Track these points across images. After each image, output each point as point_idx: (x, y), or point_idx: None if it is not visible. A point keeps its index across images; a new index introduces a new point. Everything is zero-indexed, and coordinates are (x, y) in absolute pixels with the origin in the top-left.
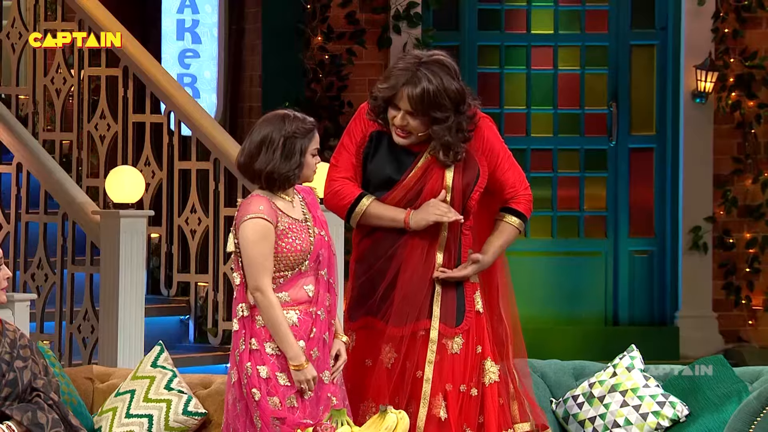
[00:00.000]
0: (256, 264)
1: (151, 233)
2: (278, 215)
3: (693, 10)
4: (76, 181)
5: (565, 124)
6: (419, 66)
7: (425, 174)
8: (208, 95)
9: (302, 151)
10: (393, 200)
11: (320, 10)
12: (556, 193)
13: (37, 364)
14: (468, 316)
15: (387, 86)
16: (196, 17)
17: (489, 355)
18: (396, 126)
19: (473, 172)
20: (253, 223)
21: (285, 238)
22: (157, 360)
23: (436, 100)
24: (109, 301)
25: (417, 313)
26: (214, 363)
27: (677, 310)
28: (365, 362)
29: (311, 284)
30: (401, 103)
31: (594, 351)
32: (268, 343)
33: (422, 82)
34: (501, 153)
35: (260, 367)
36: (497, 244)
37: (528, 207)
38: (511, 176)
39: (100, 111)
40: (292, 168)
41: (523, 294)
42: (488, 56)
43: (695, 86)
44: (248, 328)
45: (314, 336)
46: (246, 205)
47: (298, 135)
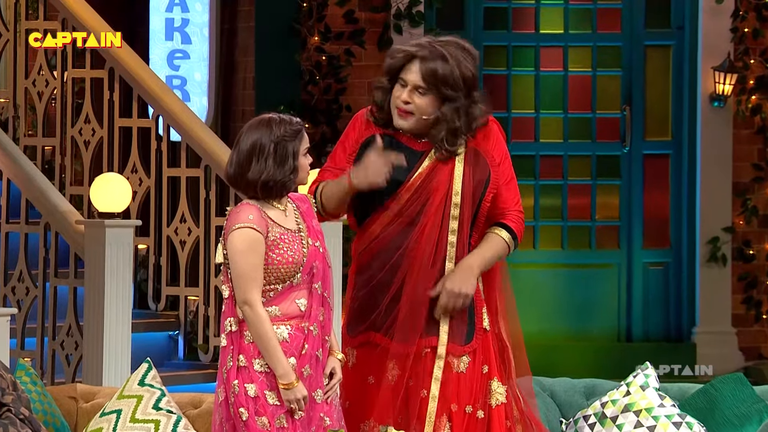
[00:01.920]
0: (245, 276)
1: (139, 244)
2: (269, 225)
3: (711, 8)
4: (59, 189)
5: (575, 128)
6: (436, 43)
7: (432, 173)
8: (198, 98)
9: (294, 154)
10: (398, 204)
11: (317, 9)
12: (567, 202)
13: (5, 379)
14: (477, 333)
15: (401, 55)
16: (185, 16)
17: (496, 375)
18: (400, 103)
19: (484, 170)
20: (241, 232)
21: (276, 249)
22: (144, 378)
23: (452, 78)
24: (94, 316)
25: (423, 329)
26: (204, 381)
27: (694, 325)
28: (368, 380)
29: (304, 298)
30: (411, 76)
31: (606, 368)
32: (256, 359)
33: (438, 56)
34: (504, 162)
35: (248, 385)
36: (484, 254)
37: (519, 226)
38: (507, 192)
39: (85, 115)
40: (287, 173)
41: (531, 308)
42: (495, 57)
43: (713, 89)
44: (236, 344)
45: (306, 353)
46: (235, 214)
47: (288, 138)
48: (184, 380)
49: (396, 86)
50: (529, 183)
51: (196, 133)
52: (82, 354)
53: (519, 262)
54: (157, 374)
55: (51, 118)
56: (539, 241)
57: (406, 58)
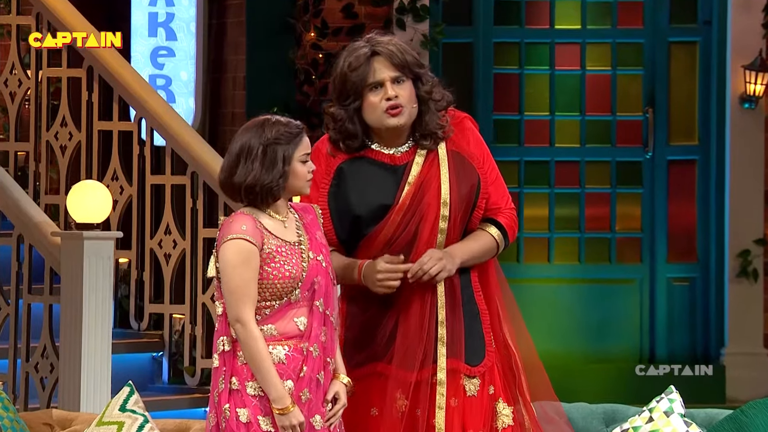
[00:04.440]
0: (237, 292)
1: (120, 258)
2: (264, 236)
3: (741, 1)
4: (33, 197)
5: (594, 132)
6: (366, 40)
7: (421, 189)
8: (184, 99)
9: (286, 159)
10: (390, 229)
11: (313, 3)
12: (584, 212)
13: None
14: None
15: (360, 64)
16: (170, 10)
17: (501, 396)
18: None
19: (472, 178)
20: (233, 244)
21: (272, 262)
22: (126, 403)
23: (410, 55)
24: (71, 335)
25: (423, 357)
26: (191, 406)
27: (723, 346)
28: (371, 412)
29: (304, 316)
30: (382, 74)
31: (627, 393)
32: (249, 382)
33: (388, 43)
34: (488, 161)
35: (240, 410)
36: (470, 246)
37: (510, 224)
38: (496, 191)
39: (61, 117)
40: (276, 178)
41: (546, 327)
42: (506, 55)
43: (743, 89)
44: (229, 365)
45: (305, 375)
46: (228, 225)
47: (281, 141)
48: (169, 405)
49: (368, 96)
50: (543, 191)
51: (182, 138)
52: (58, 377)
53: (533, 276)
54: (140, 399)
55: (24, 120)
56: (554, 255)
57: (367, 63)
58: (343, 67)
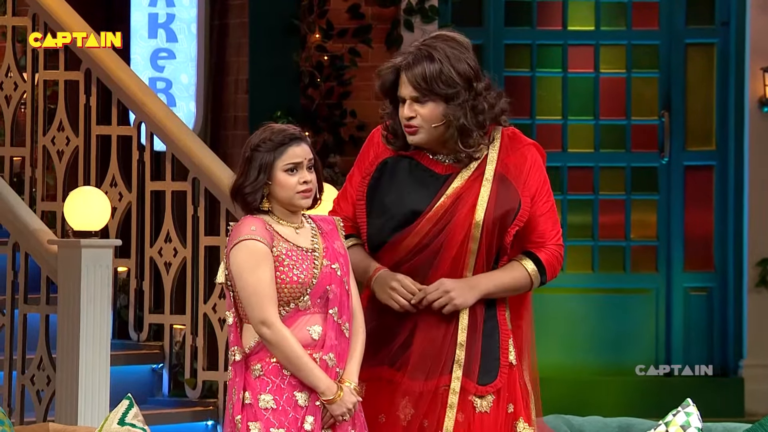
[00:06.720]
0: (257, 293)
1: (119, 266)
2: (274, 237)
3: (760, 2)
4: (29, 204)
5: (608, 137)
6: (419, 46)
7: (456, 203)
8: (185, 103)
9: (264, 167)
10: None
11: (318, 3)
12: (598, 220)
13: None
14: (503, 370)
15: (388, 72)
16: (171, 11)
17: (522, 416)
18: (404, 122)
19: (512, 202)
20: (245, 245)
21: (280, 265)
22: (125, 416)
23: (443, 75)
24: (69, 347)
25: (440, 368)
26: (192, 420)
27: (741, 358)
28: (378, 418)
29: (318, 325)
30: (404, 90)
31: (643, 406)
32: (262, 395)
33: (423, 58)
34: (542, 193)
35: (252, 424)
36: (499, 277)
37: (552, 261)
38: (544, 222)
39: (58, 122)
40: (256, 187)
41: (558, 338)
42: (517, 57)
43: (762, 92)
44: (241, 377)
45: None
46: (237, 228)
47: (261, 149)
48: (170, 419)
49: (399, 105)
50: (556, 198)
51: (182, 142)
52: (54, 389)
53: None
54: (140, 412)
55: (20, 125)
56: (567, 263)
57: (395, 74)
58: (384, 65)
